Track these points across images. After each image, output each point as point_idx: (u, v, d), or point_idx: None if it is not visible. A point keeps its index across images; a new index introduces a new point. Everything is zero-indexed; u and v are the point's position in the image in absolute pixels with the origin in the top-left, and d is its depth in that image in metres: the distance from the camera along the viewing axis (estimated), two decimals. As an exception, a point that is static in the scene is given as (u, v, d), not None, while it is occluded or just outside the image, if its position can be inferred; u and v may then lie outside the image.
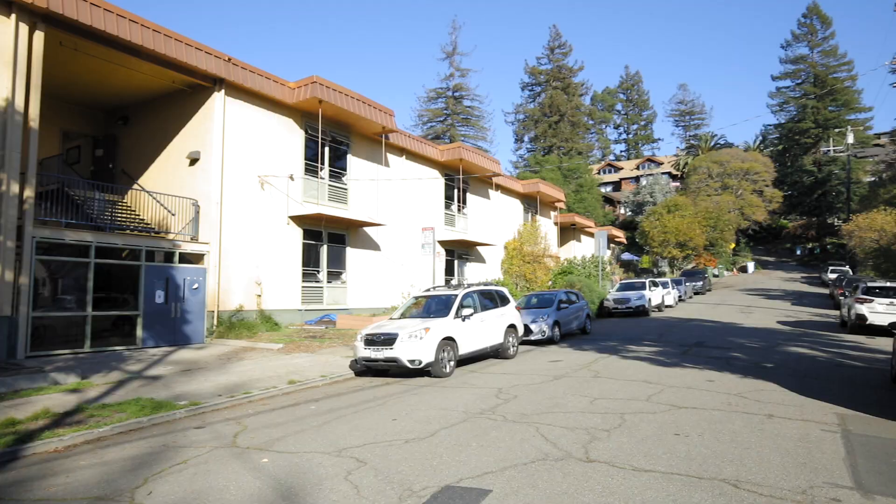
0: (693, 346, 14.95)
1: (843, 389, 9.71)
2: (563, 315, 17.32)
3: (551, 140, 73.06)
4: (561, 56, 77.68)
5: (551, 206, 38.67)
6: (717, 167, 56.62)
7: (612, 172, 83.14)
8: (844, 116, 63.59)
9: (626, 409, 8.22)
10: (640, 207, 59.47)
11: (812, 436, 6.95)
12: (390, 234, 23.04)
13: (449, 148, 27.03)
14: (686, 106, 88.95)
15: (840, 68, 64.93)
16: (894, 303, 16.98)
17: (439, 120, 70.25)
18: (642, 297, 24.81)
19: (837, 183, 60.24)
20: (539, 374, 11.32)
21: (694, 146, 77.02)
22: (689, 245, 42.92)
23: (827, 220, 62.54)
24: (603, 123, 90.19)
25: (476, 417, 7.96)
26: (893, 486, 5.37)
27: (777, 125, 69.74)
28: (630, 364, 12.33)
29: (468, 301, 13.03)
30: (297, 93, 18.64)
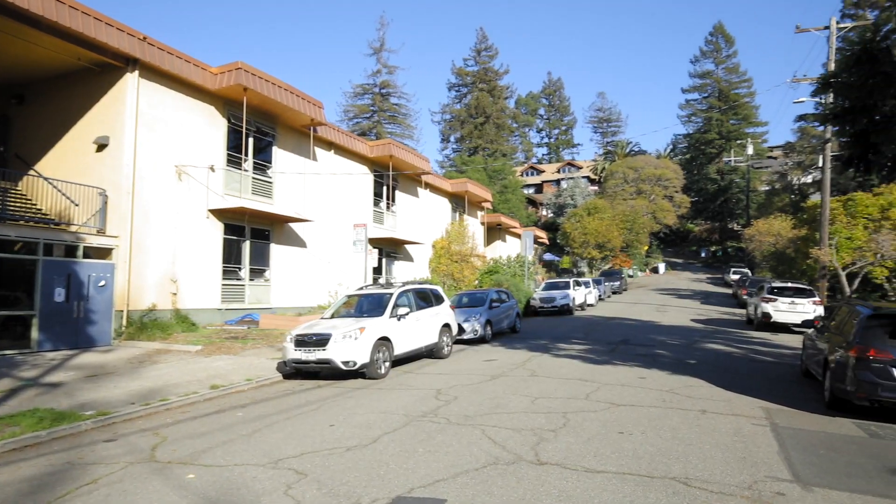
0: (620, 344, 15.40)
1: (763, 384, 10.26)
2: (494, 314, 17.36)
3: (477, 141, 73.91)
4: (487, 59, 78.78)
5: (478, 206, 38.98)
6: (632, 173, 59.44)
7: (535, 175, 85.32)
8: (744, 129, 68.83)
9: (568, 409, 8.21)
10: (561, 209, 61.34)
11: (745, 430, 7.21)
12: (317, 231, 22.22)
13: (379, 144, 26.50)
14: (604, 113, 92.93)
15: (741, 84, 70.17)
16: (795, 302, 18.38)
17: (365, 116, 69.17)
18: (567, 296, 25.45)
19: (738, 191, 65.00)
20: (476, 374, 11.18)
21: (611, 152, 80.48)
22: (608, 246, 44.68)
23: (728, 225, 67.36)
24: (526, 127, 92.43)
25: (419, 421, 7.65)
26: (828, 477, 5.61)
27: (686, 135, 74.33)
28: (563, 362, 12.47)
29: (403, 300, 12.68)
30: (220, 79, 17.50)
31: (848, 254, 23.13)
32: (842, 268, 21.66)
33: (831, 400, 8.28)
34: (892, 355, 7.38)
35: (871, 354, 7.48)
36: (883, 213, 25.65)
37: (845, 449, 6.56)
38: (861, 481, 5.52)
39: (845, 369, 7.85)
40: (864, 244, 23.75)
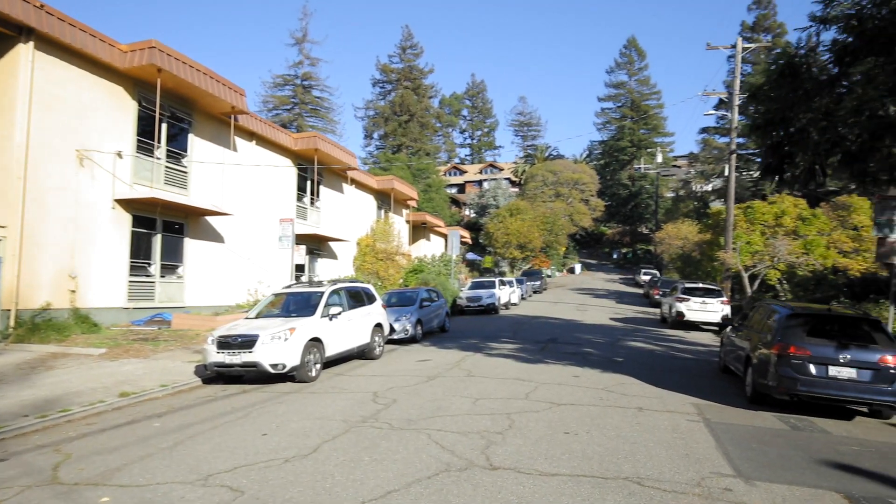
0: (548, 343, 15.64)
1: (688, 380, 10.71)
2: (425, 313, 17.12)
3: (401, 139, 73.36)
4: (412, 56, 78.43)
5: (404, 203, 38.60)
6: (551, 176, 61.33)
7: (458, 175, 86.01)
8: (653, 139, 73.00)
9: (511, 409, 8.12)
10: (483, 210, 62.18)
11: (682, 427, 7.42)
12: (237, 226, 21.00)
13: (304, 137, 25.49)
14: (525, 117, 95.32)
15: (651, 96, 74.36)
16: (705, 301, 19.55)
17: (286, 108, 66.74)
18: (493, 295, 25.69)
19: (647, 196, 68.79)
20: (412, 376, 10.88)
21: (531, 155, 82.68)
22: (529, 247, 45.74)
23: (638, 229, 71.14)
24: (450, 127, 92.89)
25: (359, 426, 7.26)
26: (765, 470, 5.83)
27: (601, 142, 77.73)
28: (497, 361, 12.44)
29: (335, 299, 12.15)
30: (131, 57, 16.04)
31: (747, 257, 24.94)
32: (744, 270, 23.30)
33: (753, 395, 8.73)
34: (810, 352, 7.87)
35: (792, 351, 7.94)
36: (777, 220, 27.87)
37: (773, 442, 6.89)
38: (795, 473, 5.78)
39: (767, 366, 8.29)
40: (762, 248, 25.72)
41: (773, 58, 9.03)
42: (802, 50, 8.73)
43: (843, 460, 6.26)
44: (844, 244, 25.84)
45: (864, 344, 7.81)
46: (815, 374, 7.79)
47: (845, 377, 7.69)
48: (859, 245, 25.81)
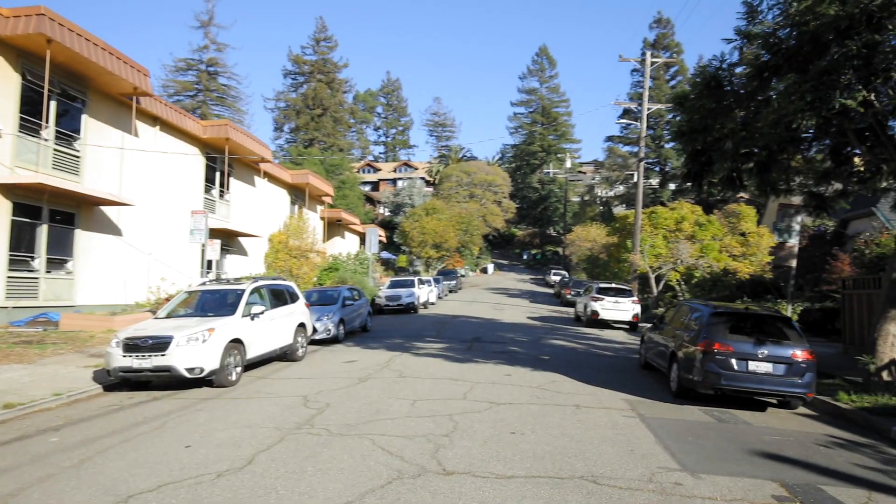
0: (474, 342, 15.64)
1: (614, 377, 11.05)
2: (347, 313, 16.55)
3: (313, 133, 71.25)
4: (327, 49, 76.38)
5: (319, 199, 37.41)
6: (466, 177, 62.13)
7: (372, 172, 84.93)
8: (561, 145, 76.04)
9: (451, 410, 7.93)
10: (398, 208, 61.81)
11: (620, 423, 7.57)
12: (137, 218, 19.24)
13: (214, 125, 23.89)
14: (440, 118, 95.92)
15: (561, 104, 77.44)
16: (618, 301, 20.47)
17: (189, 94, 62.63)
18: (413, 294, 25.46)
19: (556, 200, 71.53)
20: (341, 377, 10.40)
21: (445, 156, 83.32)
22: (445, 246, 45.98)
23: (547, 231, 73.79)
24: (364, 124, 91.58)
25: (295, 434, 6.75)
26: (706, 463, 6.03)
27: (513, 145, 79.85)
28: (427, 361, 12.23)
29: (256, 297, 11.38)
30: (15, 24, 14.17)
31: (651, 259, 26.51)
32: (651, 271, 24.70)
33: (679, 390, 9.13)
34: (733, 348, 8.34)
35: (716, 348, 8.38)
36: (677, 224, 29.86)
37: (706, 435, 7.19)
38: (733, 464, 6.03)
39: (693, 362, 8.70)
40: (666, 251, 27.44)
41: (700, 69, 9.48)
42: (726, 63, 9.25)
43: (770, 450, 6.64)
44: (735, 248, 28.10)
45: (778, 340, 8.40)
46: (736, 368, 8.27)
47: (763, 371, 8.22)
48: (746, 250, 28.17)
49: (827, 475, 5.85)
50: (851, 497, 5.23)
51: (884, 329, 8.89)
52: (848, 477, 5.81)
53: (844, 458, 6.43)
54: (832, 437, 7.41)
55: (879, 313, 9.05)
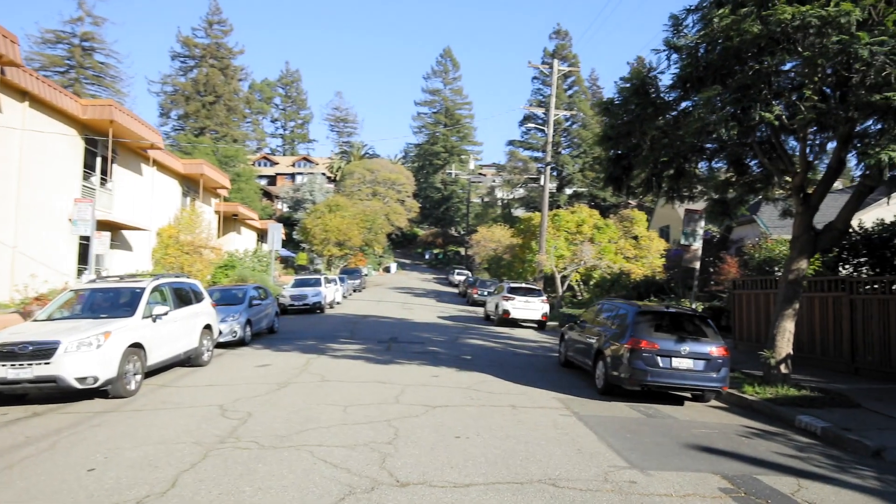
0: (391, 342, 15.24)
1: (538, 375, 11.18)
2: (254, 313, 15.47)
3: (205, 121, 66.80)
4: (220, 33, 71.92)
5: (213, 192, 34.96)
6: (369, 174, 61.21)
7: (269, 166, 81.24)
8: (464, 146, 77.27)
9: (388, 416, 7.54)
10: (298, 204, 59.55)
11: (559, 422, 7.59)
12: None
13: (96, 104, 21.43)
14: (341, 113, 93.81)
15: (464, 106, 78.69)
16: (528, 300, 20.98)
17: (59, 70, 56.11)
18: (319, 293, 24.47)
19: (458, 200, 72.56)
20: (257, 384, 9.60)
21: (347, 152, 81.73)
22: (348, 244, 44.90)
23: (449, 231, 74.64)
24: (260, 115, 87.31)
25: (220, 449, 6.04)
26: (651, 459, 6.16)
27: (416, 145, 79.85)
28: (348, 364, 11.68)
29: (157, 296, 10.23)
30: None
31: (556, 260, 27.55)
32: (557, 272, 25.61)
33: (605, 386, 9.38)
34: (658, 346, 8.68)
35: (643, 346, 8.69)
36: (578, 227, 31.31)
37: (641, 430, 7.39)
38: (674, 459, 6.21)
39: (620, 360, 8.96)
40: (569, 252, 28.62)
41: (629, 75, 9.82)
42: (654, 73, 9.64)
43: (701, 443, 6.94)
44: (628, 251, 29.92)
45: (698, 337, 8.88)
46: (661, 365, 8.62)
47: (685, 367, 8.64)
48: (639, 252, 30.10)
49: (757, 465, 6.18)
50: (784, 485, 5.54)
51: (781, 326, 9.70)
52: (775, 465, 6.18)
53: (766, 448, 6.87)
54: (748, 427, 7.91)
55: (777, 311, 9.87)
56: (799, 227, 9.95)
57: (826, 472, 6.04)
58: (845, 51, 6.89)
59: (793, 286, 9.81)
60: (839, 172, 9.72)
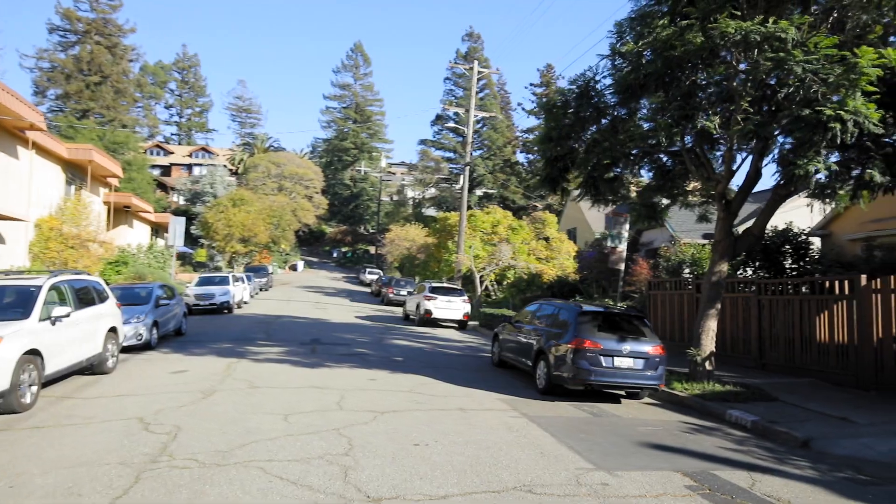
0: (315, 344, 14.51)
1: (475, 375, 11.07)
2: (161, 314, 14.10)
3: (88, 103, 60.73)
4: (108, 8, 65.68)
5: (103, 181, 31.74)
6: (275, 168, 58.72)
7: (163, 155, 75.43)
8: (374, 143, 76.29)
9: (335, 424, 7.05)
10: (197, 197, 55.81)
11: (513, 425, 7.49)
12: None
13: (-36, 74, 18.62)
14: (244, 103, 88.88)
15: (375, 102, 77.65)
16: (450, 300, 20.92)
17: None
18: (227, 292, 22.89)
19: (368, 198, 71.44)
20: (178, 392, 8.66)
21: (250, 144, 77.79)
22: (254, 241, 42.71)
23: (358, 229, 73.31)
24: (153, 100, 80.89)
25: (154, 469, 5.29)
26: (612, 459, 6.19)
27: (325, 140, 77.67)
28: (274, 368, 10.92)
29: (55, 296, 8.95)
30: None
31: (473, 260, 27.79)
32: (477, 271, 25.81)
33: (547, 386, 9.43)
34: (601, 345, 8.85)
35: (587, 345, 8.82)
36: (493, 228, 31.84)
37: (593, 431, 7.46)
38: (634, 459, 6.29)
39: (564, 359, 9.04)
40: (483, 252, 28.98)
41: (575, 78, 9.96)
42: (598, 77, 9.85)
43: (651, 440, 7.11)
44: (541, 252, 30.85)
45: (637, 337, 9.17)
46: (604, 365, 8.80)
47: (626, 366, 8.88)
48: (550, 254, 31.13)
49: (708, 460, 6.41)
50: (740, 479, 5.77)
51: (706, 325, 10.28)
52: (725, 460, 6.44)
53: (710, 443, 7.17)
54: (686, 423, 8.25)
55: (701, 311, 10.45)
56: (721, 232, 10.57)
57: (770, 464, 6.38)
58: (781, 66, 7.36)
59: (715, 287, 10.42)
60: (756, 181, 10.44)
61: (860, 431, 7.54)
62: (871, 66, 6.94)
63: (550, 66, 56.15)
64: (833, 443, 7.15)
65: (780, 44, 7.27)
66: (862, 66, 6.93)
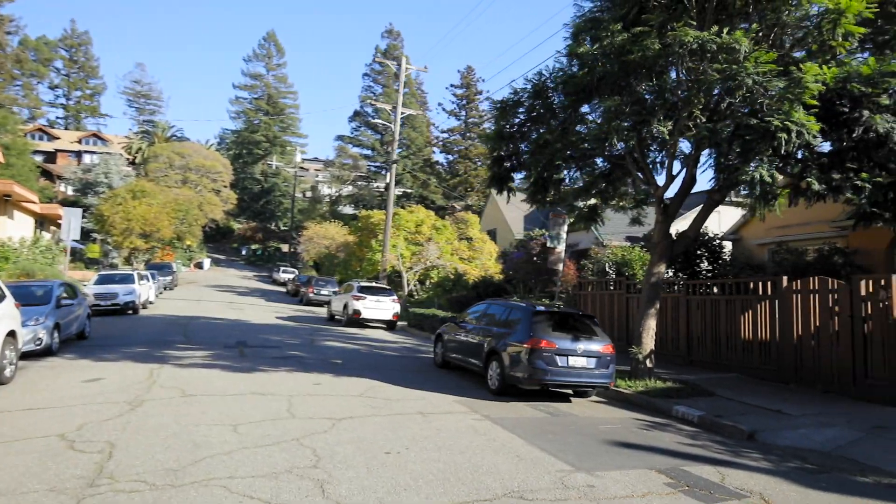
0: (241, 347, 13.55)
1: (422, 377, 10.77)
2: (63, 315, 12.54)
3: (-43, 77, 53.77)
4: (-17, -29, 58.52)
5: (-22, 165, 28.16)
6: (179, 159, 54.94)
7: (48, 140, 68.25)
8: (287, 137, 73.54)
9: (293, 434, 6.51)
10: (89, 187, 50.91)
11: (479, 428, 7.29)
12: None
13: None
14: (143, 87, 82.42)
15: (288, 95, 74.67)
16: (380, 300, 20.41)
17: None
18: (133, 291, 20.90)
19: (280, 194, 68.72)
20: (99, 403, 7.66)
21: (149, 132, 72.32)
22: (157, 236, 39.63)
23: (270, 226, 70.29)
24: (35, 78, 73.00)
25: (96, 496, 4.54)
26: (589, 460, 6.17)
27: (234, 131, 73.72)
28: (203, 374, 10.01)
29: (-57, 294, 7.64)
30: None
31: (401, 259, 27.41)
32: (405, 271, 25.43)
33: (500, 387, 9.32)
34: (556, 345, 8.87)
35: (543, 345, 8.80)
36: (417, 227, 31.64)
37: (556, 430, 7.43)
38: (607, 458, 6.30)
39: (519, 359, 8.98)
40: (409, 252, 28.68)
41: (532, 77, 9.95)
42: (551, 77, 9.88)
43: (616, 438, 7.19)
44: (464, 252, 31.05)
45: (589, 336, 9.28)
46: (560, 364, 8.82)
47: (580, 366, 8.96)
48: (473, 254, 31.42)
49: (674, 456, 6.56)
50: (710, 474, 5.93)
51: (646, 324, 10.65)
52: (690, 456, 6.62)
53: (670, 439, 7.36)
54: (639, 420, 8.45)
55: (641, 311, 10.82)
56: (659, 234, 11.00)
57: (730, 458, 6.63)
58: (733, 76, 7.72)
59: (654, 288, 10.83)
60: (692, 187, 10.97)
61: (796, 423, 8.08)
62: (813, 82, 7.44)
63: (471, 68, 57.07)
64: (776, 434, 7.59)
65: (735, 55, 7.62)
66: (806, 81, 7.40)
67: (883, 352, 9.14)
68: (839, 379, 9.76)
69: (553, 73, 9.79)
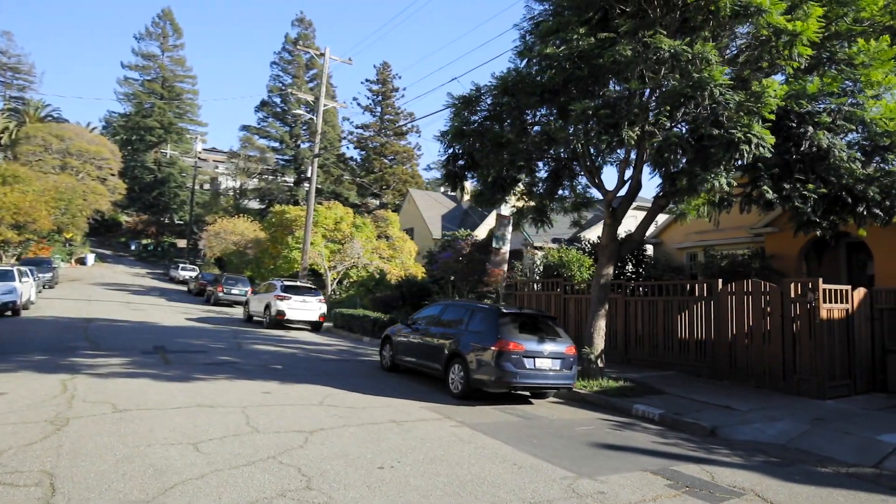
0: (162, 352, 12.22)
1: (377, 382, 10.27)
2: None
3: None
4: None
5: None
6: (57, 142, 49.33)
7: None
8: (184, 125, 68.53)
9: (267, 451, 5.84)
10: (-56, 170, 44.26)
11: (462, 435, 7.00)
12: None
13: None
14: (10, 60, 72.61)
15: (186, 79, 69.60)
16: (305, 300, 19.38)
17: None
18: (13, 290, 18.24)
19: (176, 185, 63.87)
20: (12, 424, 6.42)
21: (19, 111, 64.37)
22: (32, 228, 35.24)
23: (164, 219, 65.10)
24: None
25: (57, 544, 3.73)
26: (584, 465, 6.08)
27: (123, 115, 67.48)
28: (131, 385, 8.84)
29: None
30: None
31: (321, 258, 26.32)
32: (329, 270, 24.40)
33: (464, 390, 9.06)
34: (524, 347, 8.76)
35: (511, 348, 8.65)
36: (336, 224, 30.64)
37: (538, 435, 7.29)
38: (599, 461, 6.25)
39: (486, 362, 8.77)
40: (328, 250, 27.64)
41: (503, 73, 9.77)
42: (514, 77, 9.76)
43: (597, 440, 7.18)
44: (384, 251, 30.51)
45: (553, 338, 9.26)
46: (528, 366, 8.71)
47: (547, 367, 8.91)
48: (393, 253, 30.95)
49: (657, 456, 6.65)
50: (700, 473, 6.05)
51: (596, 325, 10.86)
52: (673, 455, 6.74)
53: (644, 439, 7.47)
54: (606, 420, 8.53)
55: (592, 312, 11.02)
56: (607, 237, 11.27)
57: (706, 455, 6.83)
58: (701, 86, 8.00)
59: (603, 289, 11.08)
60: (638, 192, 11.33)
61: (747, 418, 8.54)
62: (773, 97, 7.88)
63: (387, 64, 56.14)
64: (733, 430, 7.96)
65: (708, 66, 7.90)
66: (767, 96, 7.83)
67: (810, 349, 9.94)
68: (771, 375, 10.51)
69: (519, 70, 9.68)
